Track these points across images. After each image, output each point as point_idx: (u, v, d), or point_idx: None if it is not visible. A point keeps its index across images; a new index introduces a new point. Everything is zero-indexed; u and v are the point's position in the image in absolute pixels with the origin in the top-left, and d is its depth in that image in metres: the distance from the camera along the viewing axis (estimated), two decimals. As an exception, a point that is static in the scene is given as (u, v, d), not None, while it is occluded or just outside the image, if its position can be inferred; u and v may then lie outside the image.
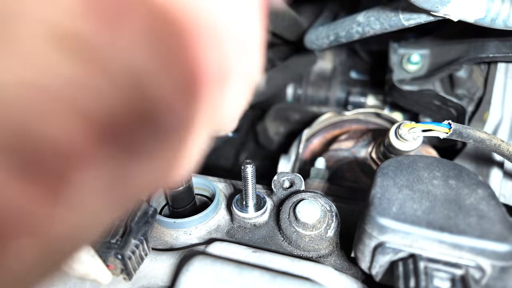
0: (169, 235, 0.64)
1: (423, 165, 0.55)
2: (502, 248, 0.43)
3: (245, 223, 0.64)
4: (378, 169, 0.55)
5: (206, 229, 0.65)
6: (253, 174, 0.60)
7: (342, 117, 1.13)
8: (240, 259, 0.56)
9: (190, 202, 0.66)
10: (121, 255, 0.51)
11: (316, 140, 1.12)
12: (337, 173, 0.97)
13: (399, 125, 0.74)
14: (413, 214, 0.47)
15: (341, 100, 1.54)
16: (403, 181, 0.52)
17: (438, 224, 0.46)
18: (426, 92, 1.08)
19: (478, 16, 0.74)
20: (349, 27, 0.96)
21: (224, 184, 0.76)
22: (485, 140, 0.66)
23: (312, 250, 0.60)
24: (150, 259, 0.57)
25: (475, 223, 0.46)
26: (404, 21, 0.84)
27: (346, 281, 0.54)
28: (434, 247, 0.45)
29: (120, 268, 0.52)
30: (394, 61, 1.20)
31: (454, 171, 0.54)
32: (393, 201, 0.49)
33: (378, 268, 0.49)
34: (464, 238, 0.44)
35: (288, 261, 0.56)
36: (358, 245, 0.51)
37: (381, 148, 0.86)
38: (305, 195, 0.63)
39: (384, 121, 1.12)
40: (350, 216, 0.67)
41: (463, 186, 0.51)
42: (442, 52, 1.12)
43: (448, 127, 0.65)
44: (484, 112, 1.02)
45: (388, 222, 0.46)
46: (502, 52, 0.94)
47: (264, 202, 0.64)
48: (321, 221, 0.59)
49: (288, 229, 0.60)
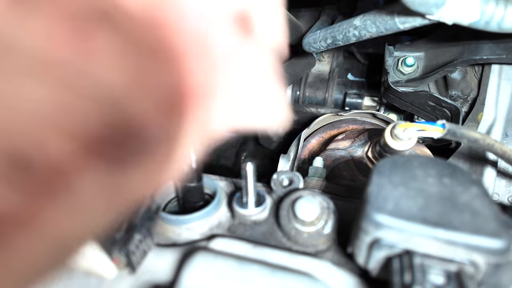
0: (172, 231, 0.65)
1: (418, 164, 0.56)
2: (496, 245, 0.44)
3: (246, 220, 0.65)
4: (374, 168, 0.56)
5: (208, 226, 0.66)
6: (253, 172, 0.61)
7: (339, 117, 1.15)
8: (240, 254, 0.57)
9: (199, 200, 0.68)
10: (125, 250, 0.52)
11: (314, 140, 1.14)
12: (334, 171, 0.98)
13: (394, 125, 0.75)
14: (408, 210, 0.48)
15: (339, 101, 1.55)
16: (398, 179, 0.53)
17: (433, 220, 0.46)
18: (420, 93, 1.10)
19: (472, 19, 0.75)
20: (346, 31, 0.97)
21: (225, 182, 0.77)
22: (478, 140, 0.67)
23: (310, 245, 0.61)
24: (153, 255, 0.59)
25: (469, 220, 0.46)
26: (399, 25, 0.85)
27: (343, 275, 0.56)
28: (429, 243, 0.46)
29: (124, 263, 0.54)
30: (389, 64, 1.21)
31: (448, 170, 0.55)
32: (388, 198, 0.50)
33: (374, 263, 0.50)
34: (458, 234, 0.45)
35: (287, 256, 0.57)
36: (354, 241, 0.52)
37: (377, 148, 0.87)
38: (303, 193, 0.64)
39: (380, 121, 1.13)
40: (347, 213, 0.69)
41: (457, 184, 0.52)
42: (437, 54, 1.14)
43: (442, 127, 0.66)
44: (478, 113, 1.04)
45: (384, 219, 0.47)
46: (496, 54, 0.95)
47: (264, 200, 0.66)
48: (319, 218, 0.61)
49: (287, 225, 0.61)
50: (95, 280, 0.56)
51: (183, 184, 0.66)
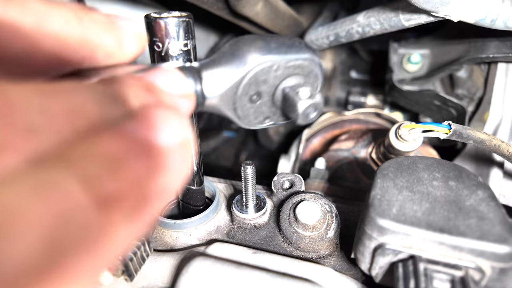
0: (169, 236, 0.64)
1: (423, 166, 0.55)
2: (502, 250, 0.43)
3: (245, 224, 0.64)
4: (378, 170, 0.55)
5: (206, 230, 0.65)
6: (253, 175, 0.60)
7: (342, 117, 1.13)
8: (240, 260, 0.56)
9: (201, 204, 0.66)
10: (122, 257, 0.51)
11: (316, 140, 1.12)
12: (337, 173, 0.97)
13: (399, 125, 0.74)
14: (413, 215, 0.47)
15: (341, 99, 1.54)
16: (403, 182, 0.52)
17: (438, 225, 0.46)
18: (426, 92, 1.08)
19: (478, 16, 0.74)
20: (349, 27, 0.96)
21: (224, 185, 0.76)
22: (485, 141, 0.66)
23: (312, 251, 0.60)
24: (150, 260, 0.58)
25: (475, 224, 0.46)
26: (404, 22, 0.84)
27: (346, 282, 0.54)
28: (434, 249, 0.45)
29: (121, 270, 0.52)
30: (394, 61, 1.20)
31: (454, 172, 0.54)
32: (393, 202, 0.49)
33: (378, 269, 0.49)
34: (464, 240, 0.44)
35: (288, 262, 0.56)
36: (358, 246, 0.51)
37: (381, 149, 0.86)
38: (305, 196, 0.63)
39: (384, 121, 1.12)
40: (350, 217, 0.67)
41: (463, 187, 0.51)
42: (442, 52, 1.12)
43: (448, 128, 0.65)
44: (484, 112, 1.02)
45: (388, 224, 0.46)
46: (503, 52, 0.94)
47: (264, 203, 0.64)
48: (321, 222, 0.59)
49: (288, 230, 0.60)
50: (91, 286, 0.55)
51: (184, 187, 0.64)
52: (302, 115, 0.38)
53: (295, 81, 0.39)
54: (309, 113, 0.38)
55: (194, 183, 0.63)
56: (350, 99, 1.50)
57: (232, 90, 0.36)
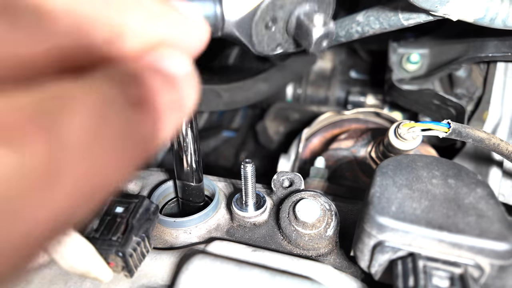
0: (169, 234, 0.64)
1: (422, 165, 0.55)
2: (501, 247, 0.44)
3: (245, 222, 0.64)
4: (378, 168, 0.55)
5: (206, 228, 0.65)
6: (252, 173, 0.60)
7: (341, 116, 1.13)
8: (239, 258, 0.56)
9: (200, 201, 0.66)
10: (122, 253, 0.51)
11: (316, 140, 1.13)
12: (336, 172, 0.97)
13: (398, 124, 0.74)
14: (412, 213, 0.47)
15: (341, 99, 1.54)
16: (402, 180, 0.52)
17: (437, 223, 0.46)
18: (425, 92, 1.08)
19: (477, 16, 0.74)
20: (348, 27, 0.96)
21: (223, 183, 0.76)
22: (484, 140, 0.66)
23: (312, 249, 0.60)
24: (150, 258, 0.58)
25: (474, 222, 0.46)
26: (403, 21, 0.84)
27: (345, 279, 0.55)
28: (433, 246, 0.45)
29: (121, 266, 0.52)
30: (393, 61, 1.20)
31: (453, 170, 0.54)
32: (392, 200, 0.49)
33: (377, 267, 0.49)
34: (463, 237, 0.44)
35: (287, 259, 0.56)
36: (357, 244, 0.51)
37: (381, 148, 0.86)
38: (304, 194, 0.63)
39: (383, 120, 1.12)
40: (350, 215, 0.67)
41: (462, 185, 0.51)
42: (442, 51, 1.12)
43: (447, 127, 0.65)
44: (484, 112, 1.03)
45: (387, 221, 0.46)
46: (502, 51, 0.94)
47: (263, 201, 0.64)
48: (321, 220, 0.60)
49: (288, 228, 0.60)
50: (90, 284, 0.55)
51: (183, 184, 0.64)
52: (316, 42, 0.38)
53: (310, 8, 0.40)
54: (322, 41, 0.39)
55: (193, 180, 0.63)
56: (349, 99, 1.50)
57: (250, 14, 0.37)
